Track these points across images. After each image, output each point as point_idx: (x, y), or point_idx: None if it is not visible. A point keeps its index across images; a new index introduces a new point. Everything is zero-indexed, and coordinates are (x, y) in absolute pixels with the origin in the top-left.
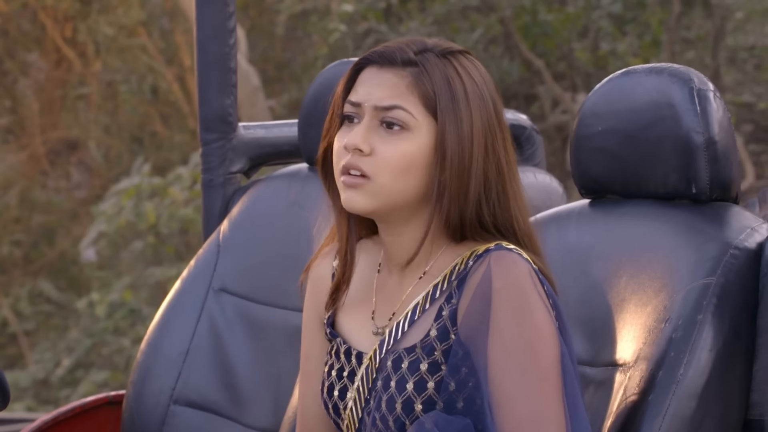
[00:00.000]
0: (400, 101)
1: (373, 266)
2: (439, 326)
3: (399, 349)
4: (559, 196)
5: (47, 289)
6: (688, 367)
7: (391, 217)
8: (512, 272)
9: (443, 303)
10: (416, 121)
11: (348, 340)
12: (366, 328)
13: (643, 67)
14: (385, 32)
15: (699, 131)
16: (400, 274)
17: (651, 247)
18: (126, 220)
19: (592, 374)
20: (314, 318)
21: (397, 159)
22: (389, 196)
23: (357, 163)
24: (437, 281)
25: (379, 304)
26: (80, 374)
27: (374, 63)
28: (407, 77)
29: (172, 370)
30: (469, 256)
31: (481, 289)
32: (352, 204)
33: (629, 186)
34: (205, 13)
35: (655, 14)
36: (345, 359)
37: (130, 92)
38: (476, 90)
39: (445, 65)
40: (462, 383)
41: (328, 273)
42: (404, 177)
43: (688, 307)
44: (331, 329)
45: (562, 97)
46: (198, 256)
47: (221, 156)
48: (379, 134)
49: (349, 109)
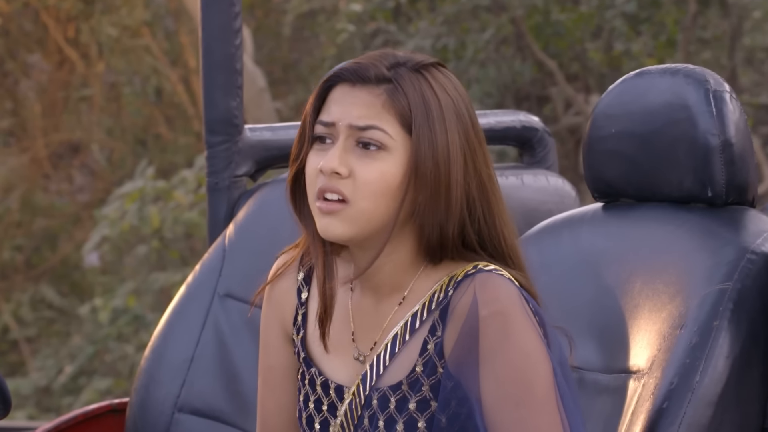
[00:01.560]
0: (377, 121)
1: (344, 285)
2: (425, 361)
3: (383, 386)
4: (571, 199)
5: (49, 295)
6: (705, 375)
7: (368, 242)
8: (498, 299)
9: (427, 336)
10: (393, 141)
11: (323, 370)
12: (343, 352)
13: (658, 67)
14: (394, 32)
15: (715, 133)
16: (376, 296)
17: (666, 252)
18: (129, 224)
19: (605, 381)
20: (276, 329)
21: (376, 181)
22: (369, 221)
23: (335, 186)
24: (415, 309)
25: (358, 326)
26: (83, 382)
27: (346, 80)
28: (382, 95)
29: (176, 377)
30: (447, 283)
31: (468, 319)
32: (331, 232)
33: (643, 189)
34: (211, 13)
35: (670, 14)
36: (322, 392)
37: (133, 94)
38: (451, 105)
39: (419, 80)
40: (454, 417)
41: (291, 286)
42: (383, 199)
43: (704, 313)
44: (305, 354)
45: (575, 99)
46: (203, 261)
47: (227, 159)
48: (356, 155)
49: (321, 129)
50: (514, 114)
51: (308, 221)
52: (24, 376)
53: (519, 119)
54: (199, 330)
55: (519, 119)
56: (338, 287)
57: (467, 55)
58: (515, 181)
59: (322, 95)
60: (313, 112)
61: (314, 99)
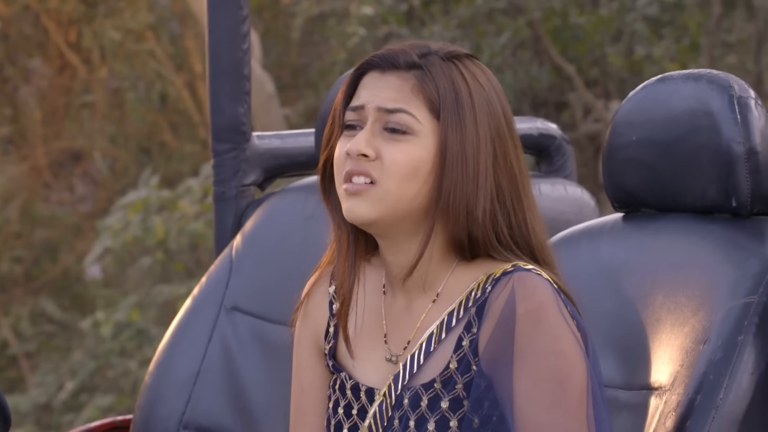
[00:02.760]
0: (405, 104)
1: (377, 289)
2: (459, 358)
3: (416, 385)
4: (590, 209)
5: (49, 309)
6: (729, 392)
7: (394, 229)
8: (536, 297)
9: (462, 332)
10: (421, 125)
11: (353, 374)
12: (375, 356)
13: (680, 73)
14: (407, 36)
15: (739, 141)
16: (408, 296)
17: (688, 264)
18: (133, 235)
19: (626, 398)
20: (309, 347)
21: (403, 163)
22: (394, 203)
23: (363, 168)
24: (452, 308)
25: (391, 327)
26: (84, 398)
27: (376, 67)
28: (411, 79)
29: (181, 393)
30: (485, 280)
31: (504, 316)
32: (356, 212)
33: (665, 199)
34: (218, 16)
35: (693, 17)
36: (352, 395)
37: (137, 100)
38: (482, 94)
39: (450, 68)
40: (485, 418)
41: (323, 300)
42: (410, 183)
43: (728, 328)
44: (333, 362)
45: (595, 105)
46: (209, 273)
47: (234, 167)
48: (383, 138)
49: (351, 116)
50: (531, 121)
51: (335, 209)
52: (23, 392)
53: (536, 126)
54: (205, 344)
55: (536, 126)
56: (371, 291)
57: (482, 60)
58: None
59: (354, 83)
60: (344, 101)
61: (345, 87)
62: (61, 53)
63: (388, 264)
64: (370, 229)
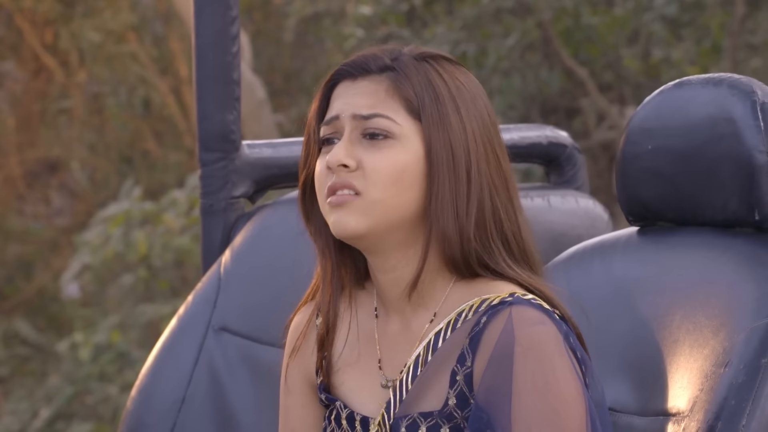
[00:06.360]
0: (380, 108)
1: (369, 314)
2: (456, 393)
3: (413, 413)
4: (603, 223)
5: (24, 330)
6: (752, 418)
7: (385, 243)
8: (536, 334)
9: (456, 366)
10: (400, 128)
11: (349, 403)
12: (370, 383)
13: (699, 77)
14: (408, 38)
15: (762, 150)
16: (402, 317)
17: (708, 282)
18: (113, 250)
19: (641, 425)
20: (301, 385)
21: (387, 169)
22: (383, 213)
23: (345, 180)
24: (440, 328)
25: (385, 352)
26: (60, 427)
27: (347, 76)
28: (384, 82)
29: (166, 420)
30: (479, 305)
31: (500, 352)
32: (344, 224)
33: (683, 212)
34: (205, 16)
35: (715, 17)
36: (348, 425)
37: (118, 106)
38: (463, 90)
39: (425, 67)
40: None
41: (311, 333)
42: (397, 190)
43: (750, 350)
44: (326, 394)
45: (609, 111)
46: (196, 291)
47: (222, 178)
48: (363, 147)
49: (327, 130)
50: (541, 129)
51: (319, 236)
52: None
53: (545, 134)
54: (191, 368)
55: (545, 134)
56: (364, 316)
57: (489, 63)
58: (541, 203)
59: (326, 96)
60: (318, 115)
61: (318, 102)
62: (37, 56)
63: (381, 284)
64: (360, 244)
